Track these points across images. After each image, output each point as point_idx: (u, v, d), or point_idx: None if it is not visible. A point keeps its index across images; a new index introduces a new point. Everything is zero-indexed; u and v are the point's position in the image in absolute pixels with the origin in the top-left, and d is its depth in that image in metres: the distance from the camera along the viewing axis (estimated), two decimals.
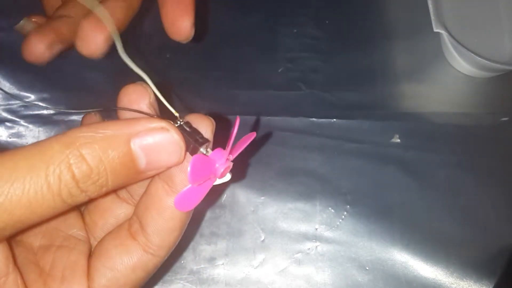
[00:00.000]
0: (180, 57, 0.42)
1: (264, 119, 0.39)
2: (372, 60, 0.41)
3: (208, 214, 0.36)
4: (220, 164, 0.20)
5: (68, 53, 0.42)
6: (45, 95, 0.39)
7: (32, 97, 0.39)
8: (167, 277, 0.35)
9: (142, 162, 0.18)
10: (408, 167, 0.38)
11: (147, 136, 0.18)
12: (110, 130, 0.18)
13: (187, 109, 0.40)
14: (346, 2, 0.43)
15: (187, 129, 0.20)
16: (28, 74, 0.40)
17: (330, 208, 0.37)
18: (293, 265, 0.35)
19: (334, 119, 0.39)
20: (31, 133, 0.38)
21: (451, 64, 0.41)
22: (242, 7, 0.43)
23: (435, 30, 0.37)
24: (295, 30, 0.42)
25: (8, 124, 0.39)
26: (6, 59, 0.40)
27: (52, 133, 0.38)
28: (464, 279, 0.35)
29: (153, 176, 0.20)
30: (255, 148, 0.38)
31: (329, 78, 0.41)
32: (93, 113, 0.27)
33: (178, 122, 0.20)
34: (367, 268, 0.35)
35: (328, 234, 0.36)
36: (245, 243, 0.36)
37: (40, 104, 0.39)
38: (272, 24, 0.43)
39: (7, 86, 0.39)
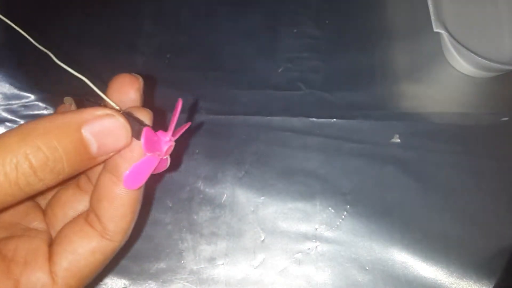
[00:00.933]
0: (180, 57, 0.42)
1: (264, 119, 0.39)
2: (372, 60, 0.41)
3: (208, 214, 0.36)
4: (164, 142, 0.22)
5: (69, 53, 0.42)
6: (45, 95, 0.39)
7: (32, 97, 0.39)
8: (167, 277, 0.35)
9: (93, 147, 0.20)
10: (408, 167, 0.38)
11: (95, 122, 0.20)
12: (62, 120, 0.19)
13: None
14: (346, 2, 0.44)
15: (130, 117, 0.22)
16: (28, 74, 0.40)
17: (330, 208, 0.37)
18: (293, 265, 0.35)
19: (334, 119, 0.39)
20: None
21: (451, 64, 0.41)
22: (242, 7, 0.43)
23: (435, 30, 0.37)
24: (295, 30, 0.42)
25: (8, 124, 0.39)
26: (6, 59, 0.40)
27: None
28: (464, 279, 0.35)
29: (105, 161, 0.22)
30: (255, 148, 0.38)
31: (329, 78, 0.41)
32: (67, 103, 0.29)
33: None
34: (367, 268, 0.35)
35: (328, 234, 0.36)
36: (245, 243, 0.36)
37: (40, 104, 0.39)
38: (272, 24, 0.43)
39: (7, 86, 0.39)
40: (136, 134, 0.21)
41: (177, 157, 0.38)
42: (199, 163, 0.38)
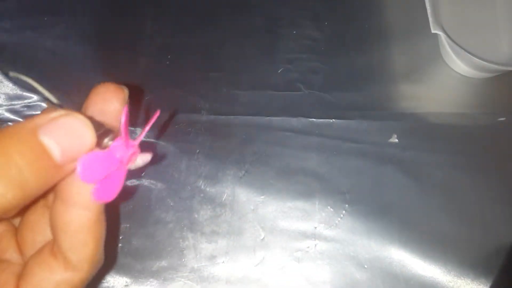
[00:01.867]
0: (181, 58, 0.42)
1: (264, 119, 0.39)
2: (371, 61, 0.42)
3: (209, 213, 0.37)
4: (123, 153, 0.20)
5: (70, 54, 0.42)
6: (48, 95, 0.39)
7: (34, 97, 0.39)
8: (168, 275, 0.35)
9: (55, 152, 0.18)
10: (406, 166, 0.38)
11: (52, 124, 0.18)
12: (14, 128, 0.17)
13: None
14: (344, 4, 0.44)
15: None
16: (31, 74, 0.40)
17: (329, 207, 0.37)
18: (293, 263, 0.36)
19: (333, 119, 0.40)
20: None
21: (448, 64, 0.42)
22: (242, 9, 0.43)
23: (433, 31, 0.37)
24: (294, 32, 0.43)
25: (11, 124, 0.39)
26: (8, 59, 0.40)
27: None
28: (462, 277, 0.35)
29: (70, 173, 0.19)
30: (255, 148, 0.39)
31: (328, 78, 0.41)
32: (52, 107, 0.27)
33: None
34: (366, 266, 0.35)
35: (327, 232, 0.36)
36: (245, 241, 0.36)
37: (43, 104, 0.39)
38: (272, 25, 0.43)
39: (10, 86, 0.39)
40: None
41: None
42: (199, 162, 0.38)
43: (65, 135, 0.18)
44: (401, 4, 0.44)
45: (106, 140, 0.19)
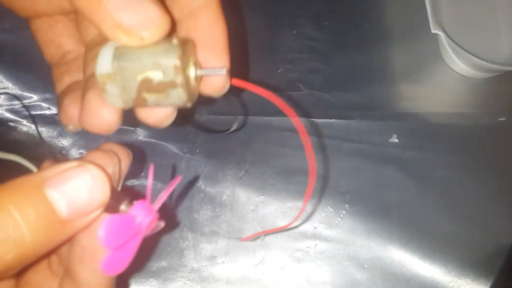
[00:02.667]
0: None
1: (264, 119, 0.39)
2: (371, 61, 0.42)
3: (209, 213, 0.37)
4: (142, 219, 0.18)
5: None
6: (47, 96, 0.40)
7: (34, 97, 0.39)
8: (168, 275, 0.35)
9: (62, 208, 0.16)
10: (406, 166, 0.38)
11: (61, 177, 0.16)
12: (19, 181, 0.16)
13: None
14: (344, 3, 0.44)
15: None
16: (31, 74, 0.40)
17: (329, 207, 0.37)
18: (293, 263, 0.36)
19: (333, 119, 0.40)
20: (33, 133, 0.39)
21: (448, 65, 0.42)
22: (242, 9, 0.43)
23: (433, 31, 0.37)
24: (294, 32, 0.43)
25: (11, 124, 0.39)
26: (8, 59, 0.40)
27: (55, 133, 0.39)
28: (462, 278, 0.35)
29: (83, 229, 0.17)
30: (255, 148, 0.39)
31: (328, 78, 0.41)
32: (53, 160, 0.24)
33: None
34: (366, 266, 0.35)
35: (327, 232, 0.36)
36: (245, 241, 0.36)
37: (43, 104, 0.39)
38: (272, 25, 0.43)
39: (10, 86, 0.40)
40: (109, 209, 0.18)
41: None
42: (199, 162, 0.38)
43: (74, 189, 0.16)
44: (401, 4, 0.44)
45: (123, 207, 0.18)
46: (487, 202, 0.37)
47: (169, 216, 0.36)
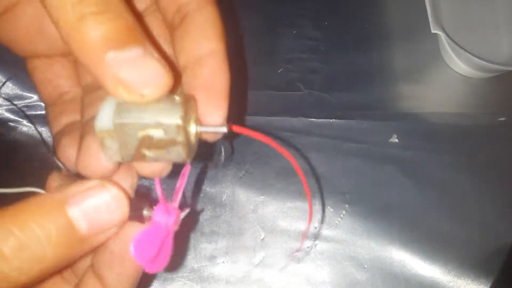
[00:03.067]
0: None
1: (264, 119, 0.39)
2: (371, 61, 0.42)
3: (209, 213, 0.37)
4: (167, 221, 0.19)
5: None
6: None
7: (34, 97, 0.39)
8: (168, 275, 0.35)
9: (82, 226, 0.17)
10: (406, 166, 0.38)
11: (83, 196, 0.17)
12: (41, 198, 0.16)
13: None
14: (344, 3, 0.44)
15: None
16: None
17: (329, 207, 0.37)
18: (293, 263, 0.36)
19: (333, 119, 0.40)
20: (34, 133, 0.39)
21: (448, 65, 0.42)
22: (242, 9, 0.43)
23: (433, 31, 0.37)
24: (294, 32, 0.43)
25: (11, 124, 0.39)
26: (8, 59, 0.40)
27: None
28: (462, 278, 0.35)
29: (99, 246, 0.18)
30: (255, 148, 0.39)
31: (328, 78, 0.41)
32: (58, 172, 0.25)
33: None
34: (366, 266, 0.35)
35: (327, 232, 0.36)
36: (245, 241, 0.36)
37: (43, 104, 0.39)
38: (271, 25, 0.43)
39: (10, 86, 0.40)
40: (133, 217, 0.18)
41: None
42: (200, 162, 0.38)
43: (95, 208, 0.17)
44: (401, 4, 0.44)
45: (145, 212, 0.19)
46: (487, 202, 0.37)
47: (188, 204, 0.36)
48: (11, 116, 0.39)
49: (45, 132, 0.39)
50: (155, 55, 0.18)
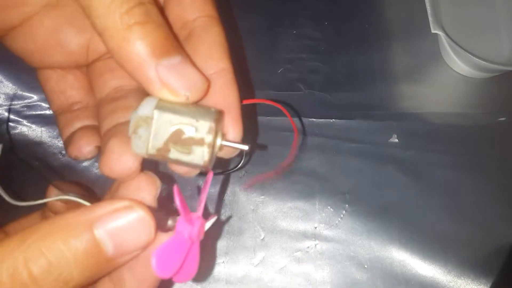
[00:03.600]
0: None
1: (264, 119, 0.39)
2: (371, 61, 0.42)
3: (209, 213, 0.37)
4: (190, 231, 0.19)
5: None
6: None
7: (34, 97, 0.39)
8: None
9: (108, 247, 0.17)
10: (406, 166, 0.38)
11: (110, 218, 0.17)
12: (70, 219, 0.17)
13: None
14: (344, 3, 0.44)
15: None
16: (31, 74, 0.40)
17: (329, 207, 0.37)
18: (293, 263, 0.36)
19: (333, 119, 0.40)
20: (33, 133, 0.39)
21: (448, 65, 0.42)
22: (242, 8, 0.43)
23: (433, 31, 0.37)
24: (294, 31, 0.43)
25: (11, 124, 0.39)
26: (9, 59, 0.40)
27: (55, 133, 0.39)
28: (462, 278, 0.35)
29: (124, 265, 0.19)
30: (257, 149, 0.39)
31: (328, 78, 0.41)
32: (57, 183, 0.26)
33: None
34: (366, 266, 0.35)
35: (327, 232, 0.36)
36: (245, 241, 0.36)
37: (43, 104, 0.39)
38: (271, 25, 0.43)
39: (10, 86, 0.40)
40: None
41: None
42: None
43: (121, 230, 0.17)
44: (401, 4, 0.44)
45: (170, 223, 0.19)
46: (487, 202, 0.37)
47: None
48: (11, 116, 0.39)
49: (45, 132, 0.39)
50: (192, 62, 0.20)
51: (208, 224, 0.20)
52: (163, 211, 0.19)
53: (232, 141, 0.21)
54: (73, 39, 0.24)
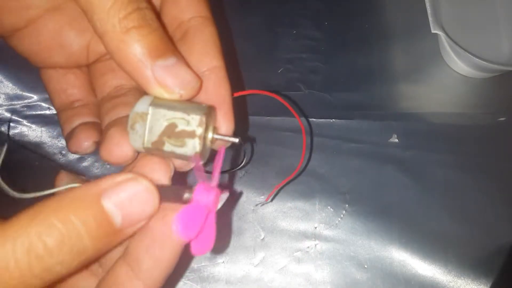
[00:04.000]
0: None
1: (264, 119, 0.39)
2: (371, 61, 0.42)
3: None
4: (207, 200, 0.20)
5: None
6: (47, 96, 0.39)
7: (34, 97, 0.39)
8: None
9: (117, 218, 0.18)
10: (407, 166, 0.38)
11: (116, 189, 0.18)
12: (77, 192, 0.17)
13: None
14: (345, 3, 0.44)
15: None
16: (31, 74, 0.40)
17: (329, 207, 0.37)
18: (293, 263, 0.36)
19: (333, 119, 0.40)
20: (33, 133, 0.39)
21: (448, 65, 0.42)
22: (242, 8, 0.43)
23: (433, 31, 0.37)
24: (294, 31, 0.43)
25: (11, 124, 0.39)
26: (9, 59, 0.40)
27: (55, 133, 0.39)
28: (462, 278, 0.35)
29: (131, 236, 0.19)
30: (256, 147, 0.39)
31: (328, 78, 0.41)
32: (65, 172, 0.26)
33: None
34: (366, 266, 0.35)
35: (327, 232, 0.36)
36: (245, 241, 0.36)
37: (43, 104, 0.39)
38: (271, 25, 0.43)
39: (10, 86, 0.39)
40: (174, 198, 0.20)
41: None
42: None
43: (128, 201, 0.18)
44: (401, 4, 0.44)
45: (186, 195, 0.20)
46: (487, 202, 0.37)
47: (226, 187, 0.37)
48: (12, 116, 0.39)
49: (45, 132, 0.39)
50: (186, 62, 0.21)
51: (223, 196, 0.22)
52: (181, 185, 0.20)
53: (224, 134, 0.22)
54: (74, 41, 0.25)
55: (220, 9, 0.44)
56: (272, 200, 0.37)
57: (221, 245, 0.36)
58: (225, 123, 0.23)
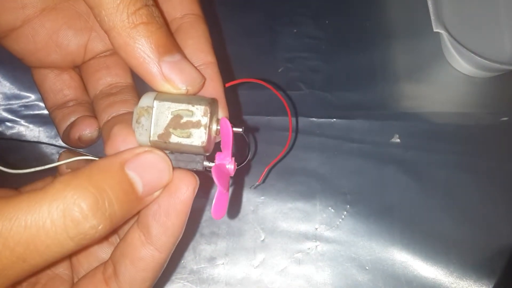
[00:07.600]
0: None
1: (264, 119, 0.39)
2: (372, 60, 0.42)
3: (208, 214, 0.37)
4: (228, 164, 0.22)
5: None
6: None
7: (32, 97, 0.39)
8: (167, 277, 0.35)
9: (139, 185, 0.19)
10: (408, 167, 0.38)
11: (136, 159, 0.19)
12: (103, 162, 0.19)
13: None
14: (346, 2, 0.44)
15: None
16: (28, 74, 0.40)
17: (330, 208, 0.37)
18: (293, 265, 0.35)
19: (334, 119, 0.39)
20: (31, 133, 0.38)
21: (450, 64, 0.41)
22: (242, 7, 0.43)
23: (435, 30, 0.37)
24: (295, 30, 0.42)
25: (8, 124, 0.39)
26: (6, 59, 0.40)
27: (53, 133, 0.38)
28: (464, 279, 0.35)
29: (148, 204, 0.21)
30: (255, 148, 0.38)
31: (329, 78, 0.41)
32: (68, 151, 0.28)
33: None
34: (367, 267, 0.35)
35: (328, 233, 0.36)
36: (245, 242, 0.36)
37: (40, 104, 0.39)
38: (272, 24, 0.43)
39: (7, 86, 0.39)
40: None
41: None
42: None
43: (147, 170, 0.19)
44: (402, 2, 0.44)
45: (206, 163, 0.22)
46: (489, 203, 0.37)
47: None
48: (9, 116, 0.39)
49: (42, 132, 0.38)
50: (188, 59, 0.22)
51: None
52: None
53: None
54: (72, 40, 0.26)
55: (221, 8, 0.43)
56: (263, 181, 0.37)
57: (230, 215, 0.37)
58: (222, 115, 0.24)
